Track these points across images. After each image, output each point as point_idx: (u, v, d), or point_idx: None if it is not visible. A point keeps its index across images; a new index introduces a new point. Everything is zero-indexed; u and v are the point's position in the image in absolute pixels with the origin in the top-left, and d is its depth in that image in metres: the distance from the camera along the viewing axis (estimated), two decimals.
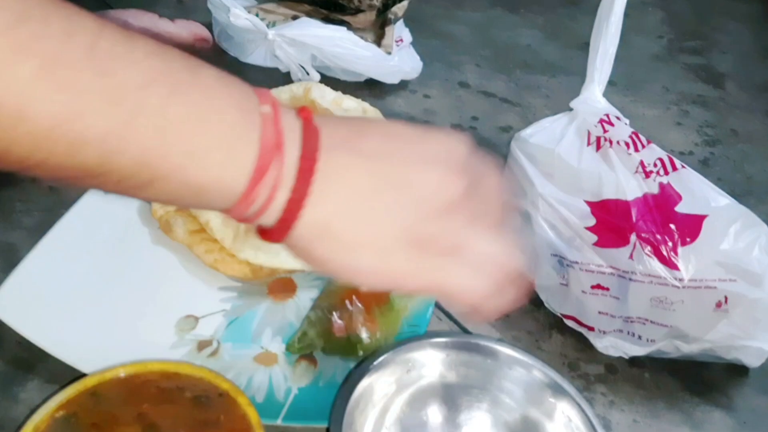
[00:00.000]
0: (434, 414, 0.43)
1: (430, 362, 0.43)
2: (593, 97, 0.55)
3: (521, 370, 0.43)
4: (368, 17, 0.79)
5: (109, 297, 0.49)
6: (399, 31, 0.82)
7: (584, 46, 0.94)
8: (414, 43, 0.85)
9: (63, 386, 0.39)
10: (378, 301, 0.48)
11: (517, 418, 0.43)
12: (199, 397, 0.40)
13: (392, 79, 0.80)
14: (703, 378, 0.52)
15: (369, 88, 0.80)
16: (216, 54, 0.80)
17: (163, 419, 0.39)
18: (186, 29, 0.69)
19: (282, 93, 0.61)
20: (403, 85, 0.82)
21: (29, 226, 0.55)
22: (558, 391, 0.42)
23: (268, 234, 0.32)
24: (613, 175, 0.49)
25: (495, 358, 0.43)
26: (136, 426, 0.38)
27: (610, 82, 0.89)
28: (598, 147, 0.51)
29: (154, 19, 0.67)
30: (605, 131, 0.52)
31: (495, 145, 0.76)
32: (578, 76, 0.74)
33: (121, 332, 0.47)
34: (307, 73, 0.76)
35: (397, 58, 0.80)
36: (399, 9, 0.80)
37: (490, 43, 0.94)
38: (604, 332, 0.51)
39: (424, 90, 0.83)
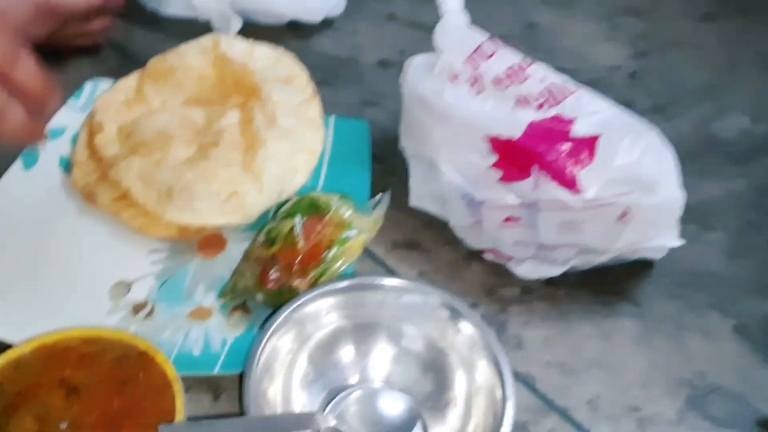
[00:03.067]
0: (341, 357, 0.46)
1: (324, 312, 0.45)
2: (456, 24, 0.54)
3: (414, 297, 0.45)
4: None
5: (39, 270, 0.50)
6: None
7: None
8: None
9: None
10: (312, 259, 0.50)
11: (421, 343, 0.46)
12: (119, 358, 0.42)
13: (315, 17, 0.79)
14: (613, 289, 0.55)
15: (293, 30, 0.79)
16: (133, 10, 0.79)
17: (85, 381, 0.41)
18: None
19: (191, 48, 0.61)
20: (328, 23, 0.81)
21: None
22: (452, 310, 0.45)
23: None
24: (499, 114, 0.49)
25: (384, 291, 0.45)
26: (59, 390, 0.41)
27: (542, 0, 0.89)
28: (482, 87, 0.51)
29: None
30: (477, 68, 0.51)
31: None
32: None
33: (55, 304, 0.48)
34: (227, 21, 0.75)
35: None
36: None
37: None
38: (522, 260, 0.53)
39: (351, 26, 0.81)
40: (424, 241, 0.57)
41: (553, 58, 0.79)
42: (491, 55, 0.52)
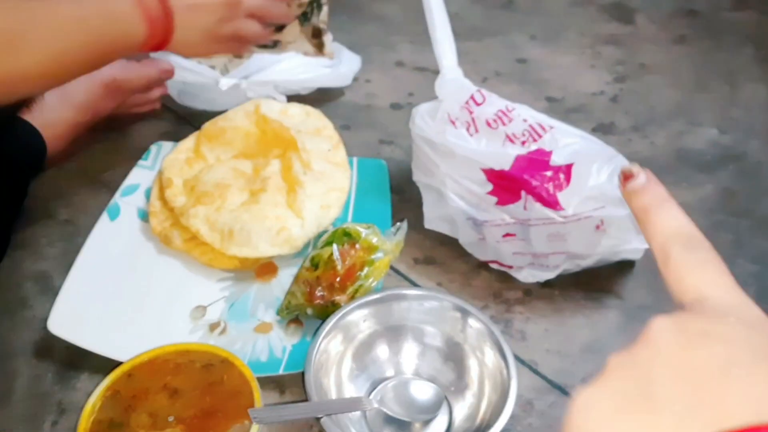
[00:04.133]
0: (379, 355, 0.57)
1: (362, 319, 0.57)
2: (452, 78, 0.64)
3: (431, 303, 0.57)
4: (293, 30, 0.88)
5: (134, 302, 0.62)
6: None
7: (507, 5, 1.06)
8: (350, 30, 0.96)
9: (107, 374, 0.53)
10: (349, 278, 0.61)
11: (441, 339, 0.57)
12: (206, 365, 0.54)
13: (345, 81, 0.90)
14: (600, 286, 0.65)
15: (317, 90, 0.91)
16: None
17: (183, 385, 0.53)
18: (152, 67, 0.80)
19: (237, 112, 0.74)
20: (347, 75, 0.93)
21: (54, 255, 0.68)
22: (462, 311, 0.56)
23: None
24: (491, 150, 0.61)
25: (407, 300, 0.57)
26: (164, 393, 0.52)
27: (531, 37, 1.00)
28: (476, 129, 0.63)
29: (122, 62, 0.79)
30: (471, 113, 0.63)
31: None
32: (500, 35, 0.81)
33: (146, 327, 0.60)
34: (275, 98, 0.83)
35: (342, 61, 0.89)
36: (323, 17, 0.88)
37: (421, 18, 1.04)
38: (521, 267, 0.64)
39: (365, 76, 0.94)
40: (440, 257, 0.68)
41: (542, 88, 0.91)
42: (482, 102, 0.63)
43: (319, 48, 0.88)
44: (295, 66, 0.85)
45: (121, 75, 0.77)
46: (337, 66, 0.88)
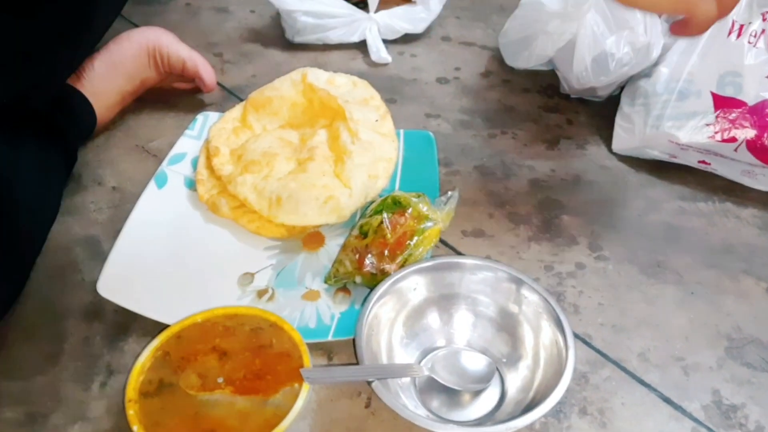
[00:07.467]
0: (430, 323, 0.56)
1: (413, 286, 0.55)
2: None
3: (486, 273, 0.55)
4: None
5: (181, 267, 0.62)
6: None
7: None
8: None
9: (154, 337, 0.53)
10: (399, 247, 0.60)
11: (494, 310, 0.55)
12: (255, 329, 0.53)
13: (422, 27, 0.94)
14: (656, 262, 0.63)
15: (366, 58, 0.91)
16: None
17: (232, 347, 0.52)
18: (198, 62, 0.80)
19: (284, 81, 0.73)
20: (391, 48, 0.92)
21: (103, 221, 0.68)
22: (517, 282, 0.54)
23: None
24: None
25: (461, 269, 0.55)
26: (213, 354, 0.52)
27: None
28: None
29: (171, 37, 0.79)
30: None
31: (476, 90, 0.86)
32: None
33: (194, 293, 0.59)
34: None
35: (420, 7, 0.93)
36: None
37: None
38: None
39: (410, 50, 0.93)
40: (489, 230, 0.67)
41: None
42: None
43: None
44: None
45: (166, 48, 0.77)
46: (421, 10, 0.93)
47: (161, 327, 0.54)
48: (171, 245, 0.64)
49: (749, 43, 0.64)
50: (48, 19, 0.58)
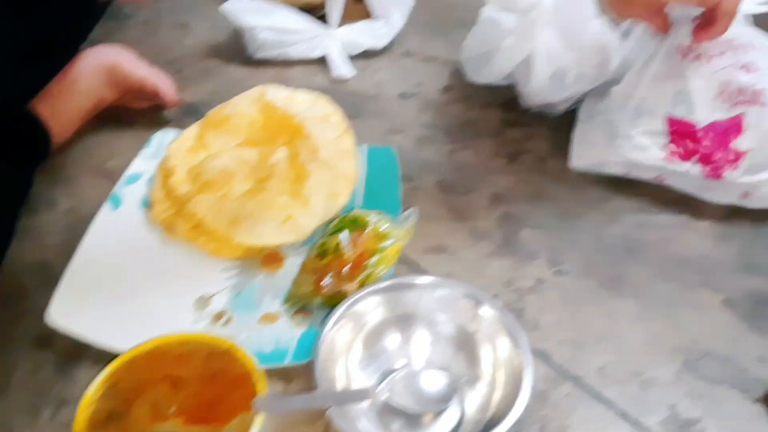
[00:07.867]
0: (388, 344, 0.55)
1: (371, 307, 0.55)
2: None
3: (444, 291, 0.55)
4: None
5: (135, 292, 0.60)
6: None
7: None
8: None
9: (108, 363, 0.51)
10: (358, 266, 0.59)
11: (453, 329, 0.55)
12: (208, 355, 0.52)
13: (383, 42, 0.94)
14: (614, 275, 0.63)
15: (325, 74, 0.90)
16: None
17: (185, 374, 0.51)
18: (157, 79, 0.79)
19: (242, 99, 0.72)
20: (354, 63, 0.92)
21: (56, 245, 0.66)
22: (475, 300, 0.54)
23: None
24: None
25: (419, 289, 0.55)
26: (165, 383, 0.51)
27: None
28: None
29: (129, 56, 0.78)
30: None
31: (438, 105, 0.86)
32: None
33: (149, 318, 0.58)
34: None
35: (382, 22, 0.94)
36: None
37: (428, 6, 1.02)
38: None
39: (372, 65, 0.92)
40: (451, 245, 0.67)
41: None
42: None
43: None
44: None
45: (124, 67, 0.76)
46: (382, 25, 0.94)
47: (114, 355, 0.53)
48: (125, 269, 0.62)
49: (697, 62, 0.65)
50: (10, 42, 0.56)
